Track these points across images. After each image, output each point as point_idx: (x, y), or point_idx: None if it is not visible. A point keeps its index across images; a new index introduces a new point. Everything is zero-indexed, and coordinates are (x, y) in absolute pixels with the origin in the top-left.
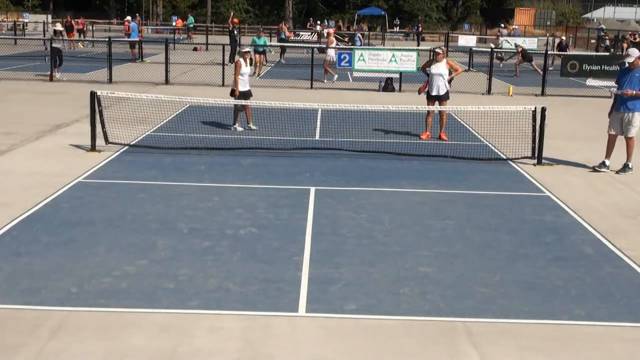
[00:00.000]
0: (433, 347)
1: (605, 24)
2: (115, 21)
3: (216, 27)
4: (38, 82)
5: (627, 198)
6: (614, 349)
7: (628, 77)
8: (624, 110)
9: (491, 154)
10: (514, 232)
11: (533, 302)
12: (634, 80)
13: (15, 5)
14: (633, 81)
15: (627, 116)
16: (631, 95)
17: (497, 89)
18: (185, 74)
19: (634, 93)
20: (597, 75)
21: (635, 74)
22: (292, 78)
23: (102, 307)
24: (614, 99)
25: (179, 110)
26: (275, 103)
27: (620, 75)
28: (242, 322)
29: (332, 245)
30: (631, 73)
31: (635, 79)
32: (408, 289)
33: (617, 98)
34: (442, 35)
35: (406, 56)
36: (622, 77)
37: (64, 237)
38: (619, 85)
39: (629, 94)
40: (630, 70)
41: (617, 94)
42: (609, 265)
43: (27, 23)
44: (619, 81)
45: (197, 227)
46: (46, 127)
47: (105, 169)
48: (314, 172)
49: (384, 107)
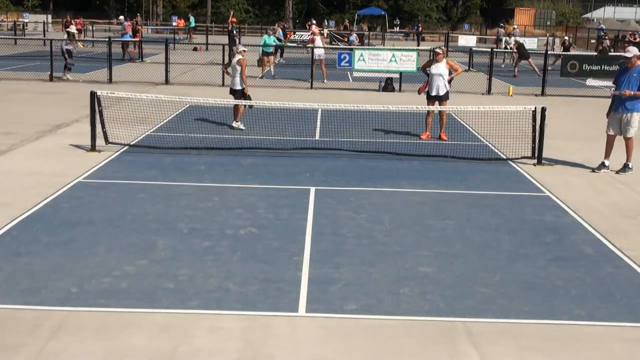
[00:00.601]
0: (433, 347)
1: (605, 24)
2: (115, 21)
3: (216, 27)
4: (38, 82)
5: (627, 198)
6: (614, 349)
7: (626, 77)
8: (622, 110)
9: (491, 154)
10: (514, 232)
11: (533, 302)
12: (632, 80)
13: (15, 5)
14: (631, 81)
15: (626, 116)
16: (629, 96)
17: (497, 89)
18: (185, 74)
19: (632, 93)
20: (597, 75)
21: (633, 73)
22: (292, 78)
23: (102, 307)
24: (612, 99)
25: (179, 110)
26: (275, 103)
27: (619, 75)
28: (242, 322)
29: (332, 245)
30: (629, 73)
31: (633, 78)
32: (408, 289)
33: (616, 98)
34: (442, 35)
35: (406, 56)
36: (620, 77)
37: (64, 237)
38: (617, 85)
39: (627, 94)
40: (628, 70)
41: (615, 95)
42: (609, 265)
43: (27, 23)
44: (617, 81)
45: (197, 227)
46: (46, 127)
47: (105, 169)
48: (314, 172)
49: (384, 107)
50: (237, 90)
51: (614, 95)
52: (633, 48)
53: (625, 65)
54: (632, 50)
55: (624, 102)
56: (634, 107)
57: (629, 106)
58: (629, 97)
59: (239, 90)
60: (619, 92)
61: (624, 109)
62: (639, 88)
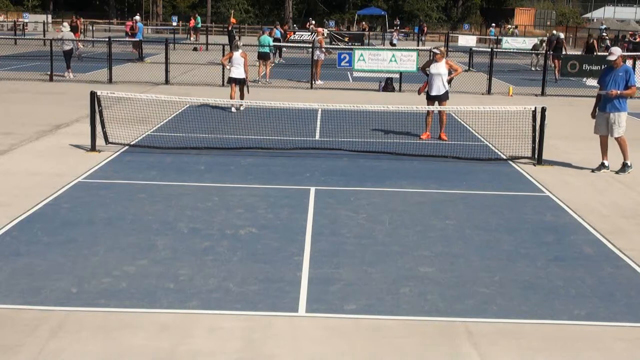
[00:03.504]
0: (433, 347)
1: (605, 24)
2: (116, 21)
3: (216, 27)
4: (38, 82)
5: (627, 198)
6: (614, 349)
7: (611, 76)
8: (609, 110)
9: (491, 154)
10: (514, 232)
11: (533, 302)
12: (618, 80)
13: (15, 5)
14: (617, 80)
15: (613, 116)
16: (616, 96)
17: (497, 89)
18: (185, 74)
19: (619, 93)
20: (597, 75)
21: (618, 72)
22: (292, 78)
23: (102, 307)
24: (597, 99)
25: (179, 110)
26: (275, 103)
27: (604, 75)
28: (242, 322)
29: (332, 245)
30: (614, 72)
31: (619, 77)
32: (408, 289)
33: (602, 98)
34: (442, 35)
35: (406, 56)
36: (606, 77)
37: (64, 237)
38: (602, 85)
39: (614, 94)
40: (612, 70)
41: (602, 94)
42: (609, 265)
43: (27, 23)
44: (602, 81)
45: (197, 227)
46: (46, 127)
47: (105, 169)
48: (314, 172)
49: (384, 107)
50: (242, 79)
51: (600, 95)
52: (616, 49)
53: (610, 65)
54: (615, 52)
55: (611, 101)
56: (621, 106)
57: (616, 106)
58: (615, 97)
59: (243, 79)
60: (606, 91)
61: (611, 109)
62: (625, 87)
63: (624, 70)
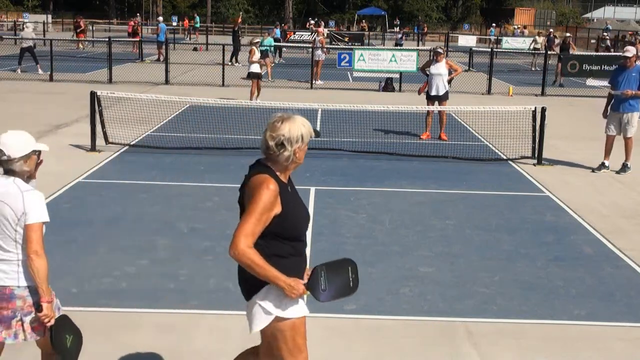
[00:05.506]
0: (433, 347)
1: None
2: (116, 21)
3: (216, 27)
4: (38, 82)
5: (627, 198)
6: (614, 349)
7: (624, 76)
8: (623, 110)
9: (491, 154)
10: (514, 232)
11: (533, 302)
12: (632, 80)
13: (15, 5)
14: (630, 80)
15: (627, 116)
16: (631, 95)
17: (497, 89)
18: (185, 74)
19: (633, 93)
20: (597, 75)
21: (631, 73)
22: (292, 78)
23: (102, 307)
24: (608, 99)
25: (179, 110)
26: (275, 103)
27: (616, 75)
28: (242, 322)
29: (332, 245)
30: (627, 72)
31: (632, 78)
32: (408, 289)
33: (615, 98)
34: (442, 35)
35: (406, 56)
36: (618, 77)
37: (64, 237)
38: (614, 85)
39: (629, 94)
40: (625, 69)
41: (615, 94)
42: (609, 265)
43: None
44: (614, 81)
45: (197, 227)
46: (46, 127)
47: (105, 169)
48: (313, 172)
49: (384, 107)
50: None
51: (614, 95)
52: (632, 47)
53: (622, 65)
54: (631, 50)
55: (624, 101)
56: (635, 106)
57: (630, 106)
58: (629, 97)
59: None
60: (620, 92)
61: (625, 108)
62: (639, 87)
63: (637, 70)
